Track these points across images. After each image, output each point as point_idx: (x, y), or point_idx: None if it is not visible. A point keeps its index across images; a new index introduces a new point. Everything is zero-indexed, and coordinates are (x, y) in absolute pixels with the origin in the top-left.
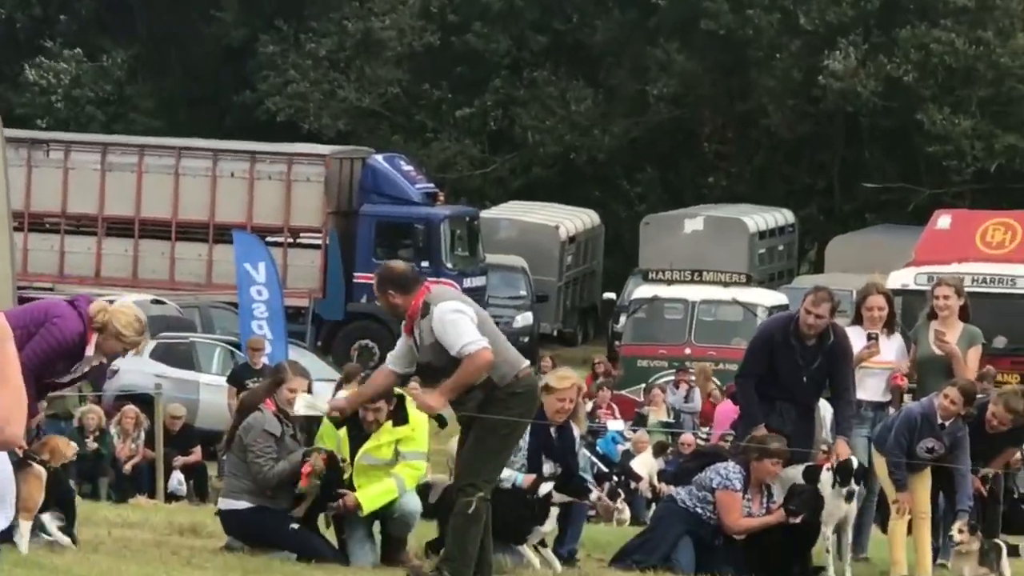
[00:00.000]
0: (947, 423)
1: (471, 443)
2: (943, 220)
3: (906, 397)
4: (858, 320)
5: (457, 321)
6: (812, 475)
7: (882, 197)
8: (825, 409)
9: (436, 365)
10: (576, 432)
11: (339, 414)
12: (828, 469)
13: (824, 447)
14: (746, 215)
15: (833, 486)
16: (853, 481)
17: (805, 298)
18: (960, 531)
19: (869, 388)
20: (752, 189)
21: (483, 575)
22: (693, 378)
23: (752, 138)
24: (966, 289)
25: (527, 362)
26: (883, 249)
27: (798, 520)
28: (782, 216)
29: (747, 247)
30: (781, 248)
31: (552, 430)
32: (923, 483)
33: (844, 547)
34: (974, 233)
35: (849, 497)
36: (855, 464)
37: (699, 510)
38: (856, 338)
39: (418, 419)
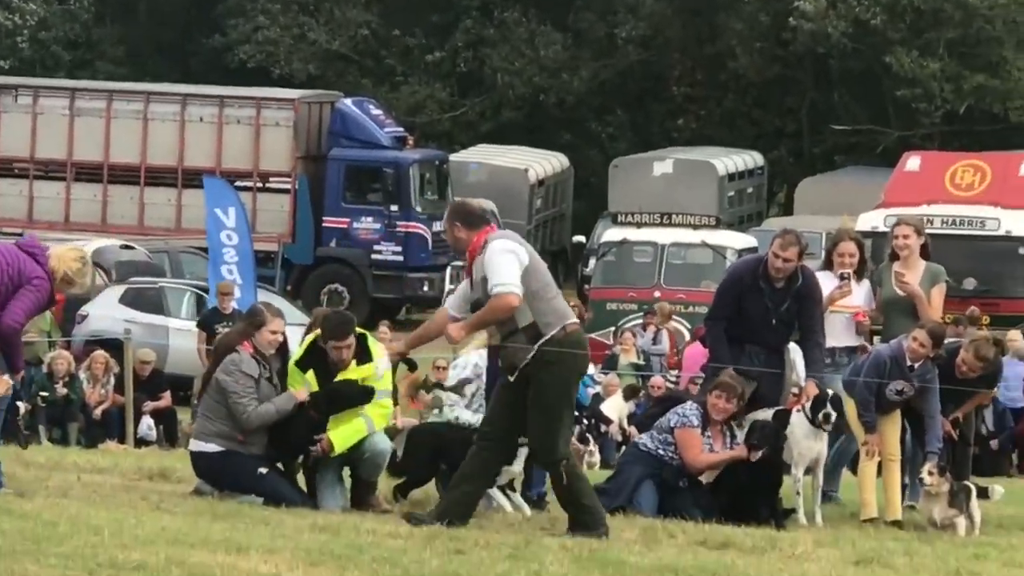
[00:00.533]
0: (916, 365)
1: (533, 416)
2: (912, 162)
3: (875, 340)
4: (828, 265)
5: (502, 261)
6: (782, 419)
7: (851, 139)
8: (795, 352)
9: (485, 301)
10: None
11: (398, 357)
12: (798, 411)
13: (795, 390)
14: (715, 158)
15: (813, 421)
16: (829, 406)
17: (773, 241)
18: (930, 473)
19: (840, 334)
20: (721, 132)
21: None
22: (678, 321)
23: (721, 81)
24: (936, 231)
25: (574, 318)
26: (852, 191)
27: (759, 455)
28: (751, 158)
29: (716, 190)
30: (750, 191)
31: None
32: (892, 425)
33: (816, 489)
34: (943, 175)
35: (827, 420)
36: (829, 393)
37: (661, 452)
38: (826, 282)
39: (381, 356)
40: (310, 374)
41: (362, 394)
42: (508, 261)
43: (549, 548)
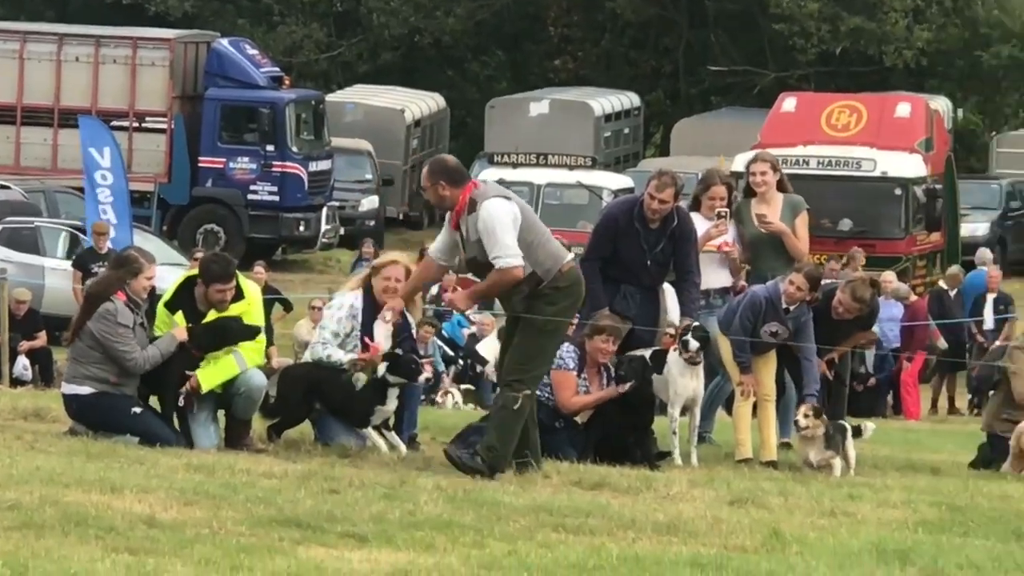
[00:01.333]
0: (792, 307)
1: (519, 340)
2: (788, 103)
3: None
4: (697, 207)
5: (497, 228)
6: (659, 359)
7: (727, 80)
8: (669, 293)
9: (481, 260)
10: (410, 318)
11: (396, 315)
12: (674, 351)
13: (670, 330)
14: (591, 98)
15: (684, 355)
16: (690, 335)
17: (649, 183)
18: (805, 415)
19: (714, 275)
20: (598, 72)
21: (533, 456)
22: None
23: (598, 21)
24: (812, 172)
25: (570, 255)
26: (728, 132)
27: (627, 388)
28: (628, 99)
29: (593, 130)
30: (627, 131)
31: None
32: (767, 366)
33: (692, 429)
34: (819, 116)
35: (685, 347)
36: (692, 324)
37: (537, 393)
38: (698, 225)
39: (253, 295)
40: (179, 315)
41: (247, 330)
42: (506, 228)
43: (423, 488)
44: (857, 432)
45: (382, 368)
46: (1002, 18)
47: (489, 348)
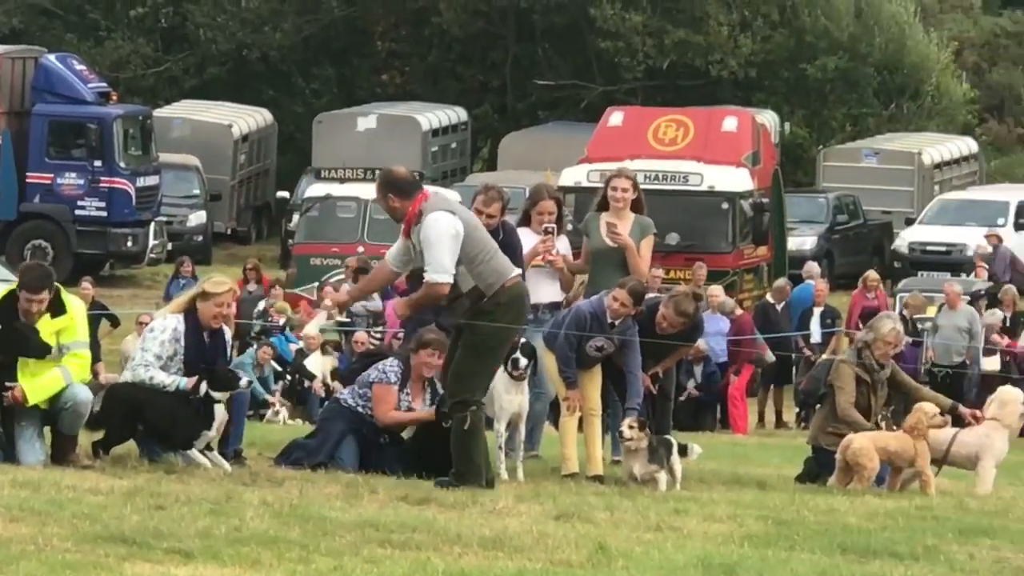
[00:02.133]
0: (617, 322)
1: (460, 356)
2: (615, 117)
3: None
4: (526, 222)
5: (434, 242)
6: None
7: (555, 94)
8: None
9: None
10: (228, 334)
11: (338, 309)
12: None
13: None
14: (419, 113)
15: (510, 372)
16: (519, 353)
17: (475, 198)
18: (630, 427)
19: (543, 289)
20: (425, 87)
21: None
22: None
23: (425, 36)
24: (640, 186)
25: (516, 271)
26: (556, 146)
27: (447, 424)
28: (455, 114)
29: (420, 145)
30: (454, 146)
31: (205, 334)
32: (593, 381)
33: (517, 444)
34: (646, 130)
35: (515, 365)
36: (520, 342)
37: (360, 407)
38: (526, 239)
39: (76, 310)
40: None
41: (36, 346)
42: (443, 242)
43: (250, 503)
44: (683, 451)
45: (204, 385)
46: (828, 26)
47: (316, 363)
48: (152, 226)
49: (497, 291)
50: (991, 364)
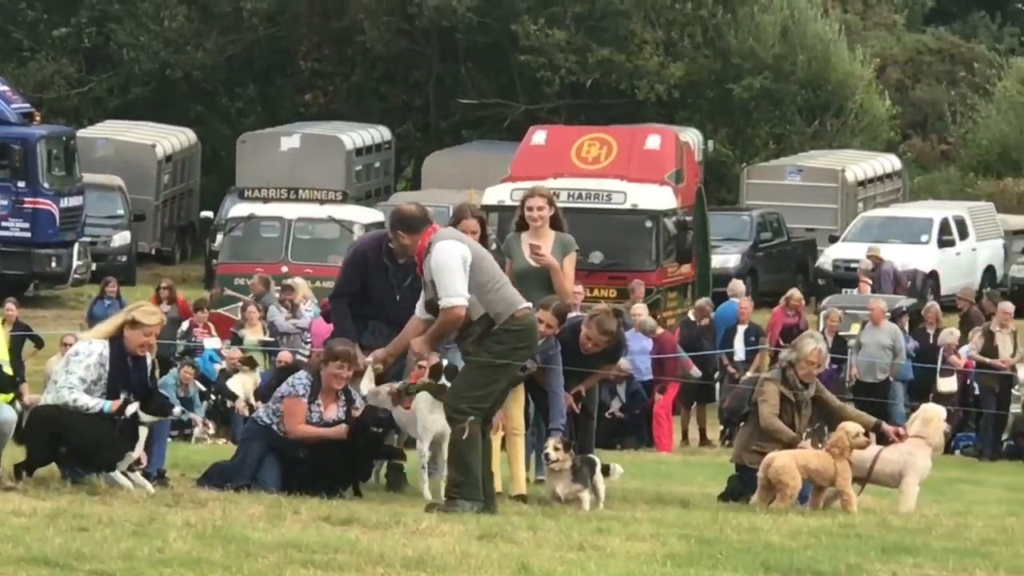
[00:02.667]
0: (540, 342)
1: (462, 372)
2: (538, 136)
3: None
4: None
5: (446, 267)
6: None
7: (478, 113)
8: None
9: (437, 302)
10: (149, 359)
11: (381, 365)
12: None
13: (422, 363)
14: (342, 132)
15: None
16: (445, 377)
17: None
18: (555, 448)
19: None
20: (349, 106)
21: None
22: (300, 296)
23: (348, 56)
24: (563, 205)
25: (526, 303)
26: (479, 165)
27: (350, 436)
28: (379, 133)
29: (344, 164)
30: (378, 165)
31: (129, 360)
32: (516, 400)
33: (440, 464)
34: (569, 148)
35: (441, 391)
36: (444, 363)
37: (275, 426)
38: None
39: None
40: None
41: None
42: (452, 268)
43: (173, 525)
44: (606, 471)
45: (133, 407)
46: (755, 47)
47: (239, 383)
48: (76, 247)
49: (507, 320)
50: (947, 385)
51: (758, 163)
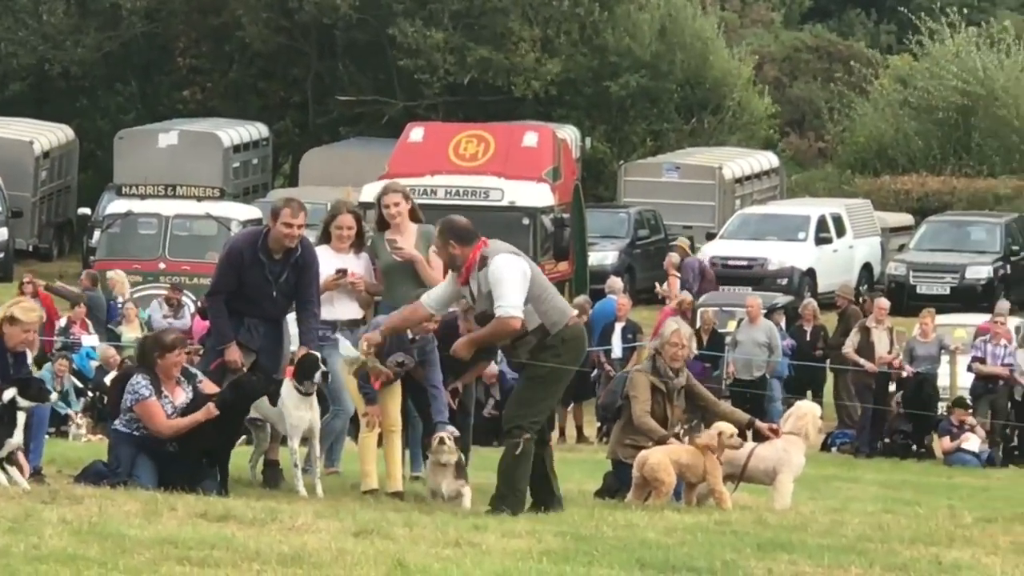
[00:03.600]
0: (417, 338)
1: (519, 387)
2: (416, 133)
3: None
4: (326, 238)
5: (507, 278)
6: (276, 388)
7: (356, 110)
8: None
9: (490, 313)
10: (29, 356)
11: (376, 347)
12: (290, 382)
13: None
14: (220, 129)
15: (296, 386)
16: (317, 376)
17: (280, 212)
18: (446, 439)
19: (344, 306)
20: (227, 103)
21: (552, 506)
22: (184, 295)
23: (226, 52)
24: (440, 201)
25: (575, 311)
26: (356, 162)
27: (219, 411)
28: (256, 130)
29: (221, 161)
30: (255, 162)
31: (8, 355)
32: (393, 397)
33: (313, 460)
34: (447, 145)
35: (308, 389)
36: (317, 356)
37: (137, 432)
38: (324, 256)
39: None
40: None
41: None
42: (513, 280)
43: (48, 521)
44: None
45: (10, 392)
46: (631, 45)
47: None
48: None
49: (561, 329)
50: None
51: (635, 160)
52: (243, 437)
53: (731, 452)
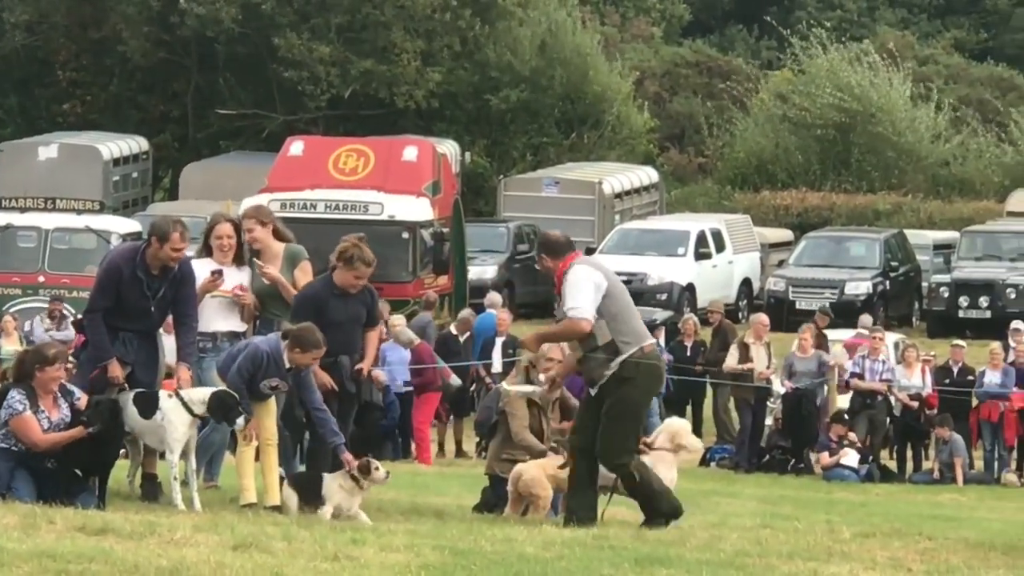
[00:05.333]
0: (293, 366)
1: (610, 424)
2: (296, 147)
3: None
4: (207, 251)
5: (577, 284)
6: (149, 401)
7: (236, 124)
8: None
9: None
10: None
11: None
12: (170, 396)
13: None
14: (100, 143)
15: (192, 411)
16: (239, 421)
17: (170, 236)
18: (377, 468)
19: (222, 319)
20: (107, 117)
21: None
22: (65, 307)
23: (107, 66)
24: (320, 216)
25: (652, 339)
26: (237, 176)
27: (93, 430)
28: (136, 143)
29: (101, 174)
30: (135, 175)
31: None
32: (268, 412)
33: (190, 473)
34: (326, 159)
35: (197, 414)
36: (234, 399)
37: (14, 448)
38: (202, 269)
39: None
40: None
41: None
42: (584, 287)
43: None
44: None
45: None
46: (512, 61)
47: None
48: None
49: (633, 352)
50: (843, 402)
51: (515, 175)
52: (123, 451)
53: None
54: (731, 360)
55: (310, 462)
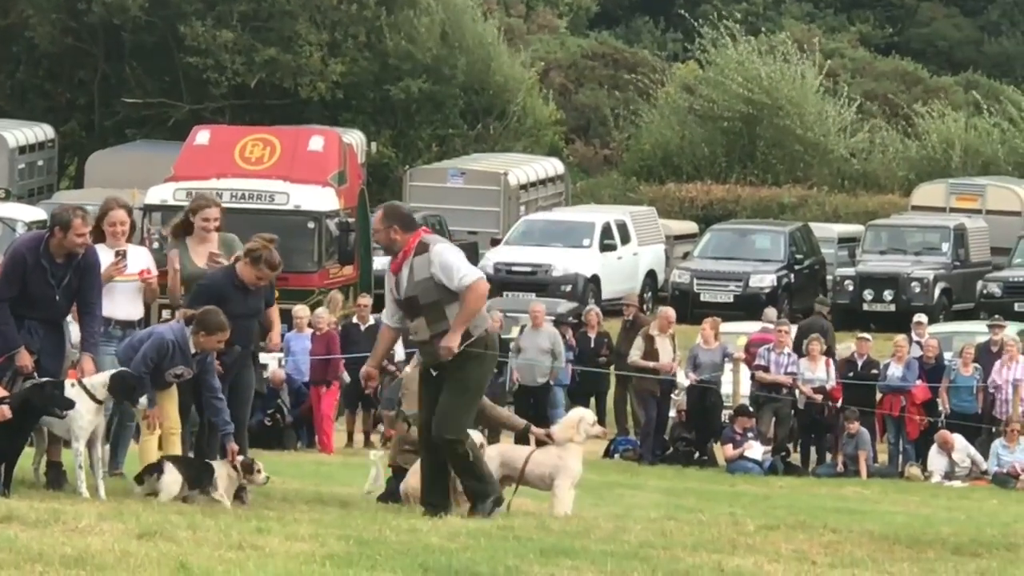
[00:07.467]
0: (199, 352)
1: (447, 398)
2: (202, 136)
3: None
4: (100, 236)
5: (454, 253)
6: (54, 390)
7: (143, 112)
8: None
9: (421, 301)
10: None
11: (374, 381)
12: (73, 385)
13: (73, 360)
14: (6, 130)
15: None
16: (143, 401)
17: (72, 223)
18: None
19: (122, 307)
20: (12, 104)
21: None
22: None
23: (13, 52)
24: (227, 205)
25: (492, 322)
26: (142, 165)
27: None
28: (42, 131)
29: (7, 162)
30: (41, 163)
31: None
32: (171, 400)
33: (96, 462)
34: (233, 149)
35: (101, 401)
36: (136, 379)
37: None
38: (106, 255)
39: None
40: None
41: None
42: (459, 254)
43: None
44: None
45: None
46: (411, 50)
47: None
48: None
49: (482, 335)
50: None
51: (421, 165)
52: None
53: (509, 454)
54: (636, 353)
55: (197, 448)
